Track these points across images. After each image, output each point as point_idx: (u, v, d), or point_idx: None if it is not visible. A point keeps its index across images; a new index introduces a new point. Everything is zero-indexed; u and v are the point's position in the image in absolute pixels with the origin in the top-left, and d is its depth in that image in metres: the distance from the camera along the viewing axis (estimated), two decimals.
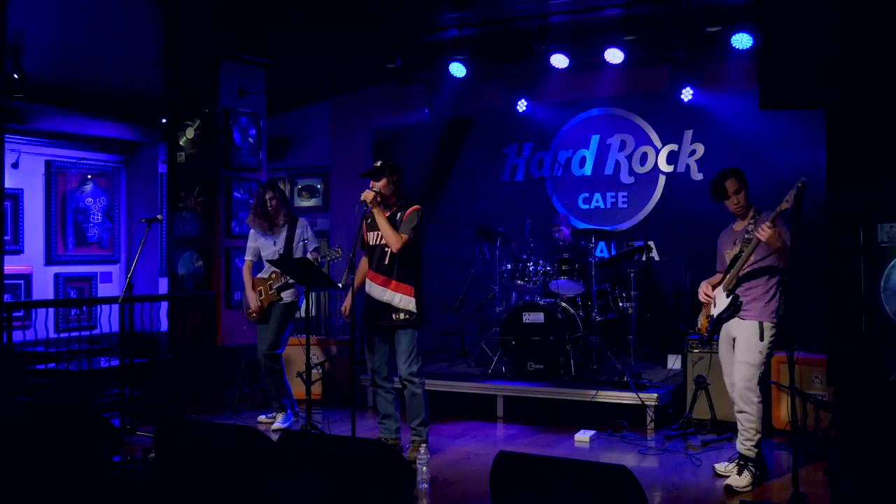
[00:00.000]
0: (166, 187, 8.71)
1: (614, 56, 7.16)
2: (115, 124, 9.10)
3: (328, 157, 9.34)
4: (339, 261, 5.90)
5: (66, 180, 9.36)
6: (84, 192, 9.52)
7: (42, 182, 9.14)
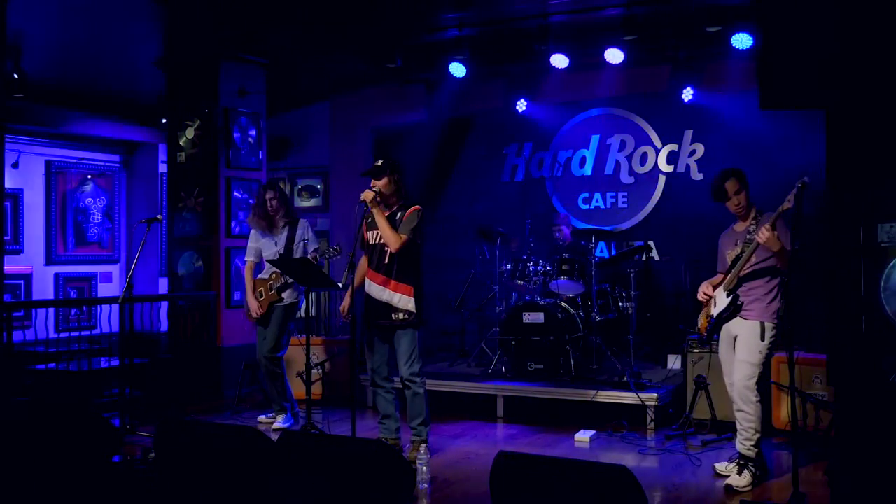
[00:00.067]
0: (166, 187, 8.71)
1: (614, 56, 7.16)
2: (115, 124, 9.10)
3: (328, 157, 9.34)
4: (338, 259, 5.90)
5: (66, 180, 9.36)
6: (84, 192, 9.52)
7: (42, 182, 9.15)
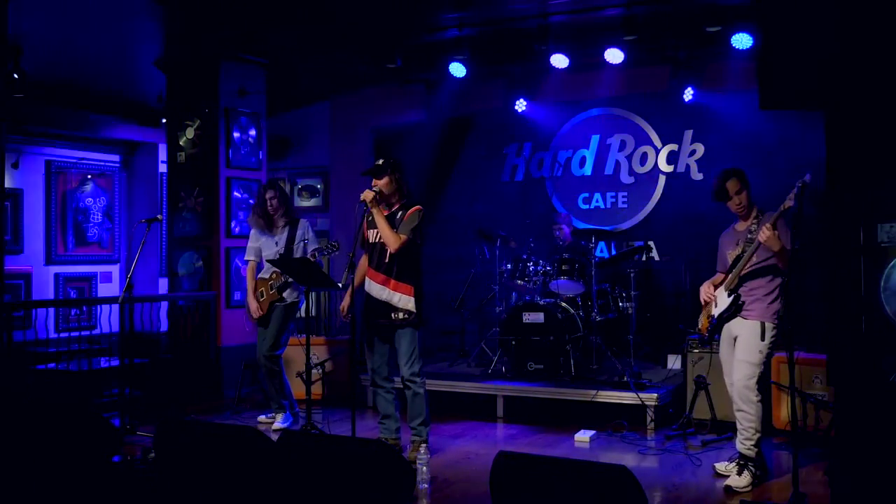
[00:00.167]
0: (166, 187, 8.71)
1: (614, 56, 7.16)
2: (115, 124, 9.10)
3: (328, 157, 9.34)
4: (337, 256, 5.90)
5: (66, 180, 9.36)
6: (84, 192, 9.52)
7: (42, 182, 9.15)
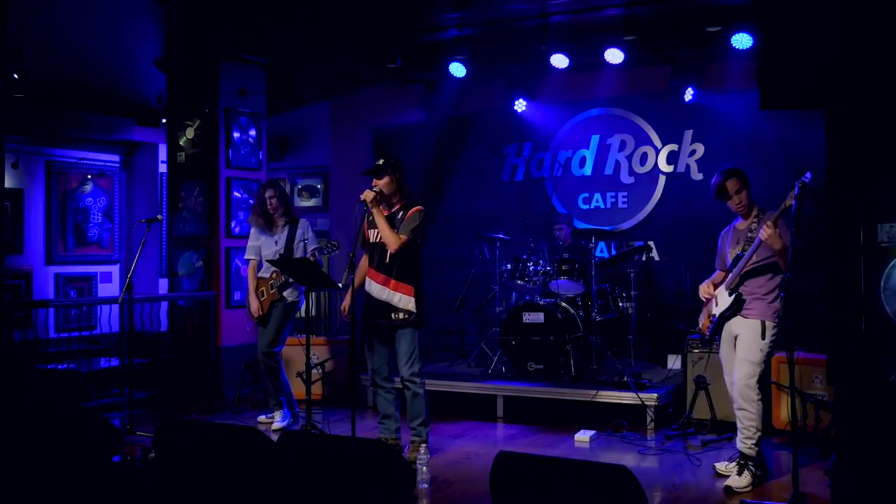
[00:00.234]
0: (166, 187, 8.71)
1: (614, 56, 7.16)
2: (115, 124, 9.10)
3: (328, 157, 9.34)
4: (337, 256, 5.90)
5: (66, 180, 9.36)
6: (84, 192, 9.52)
7: (42, 182, 9.15)
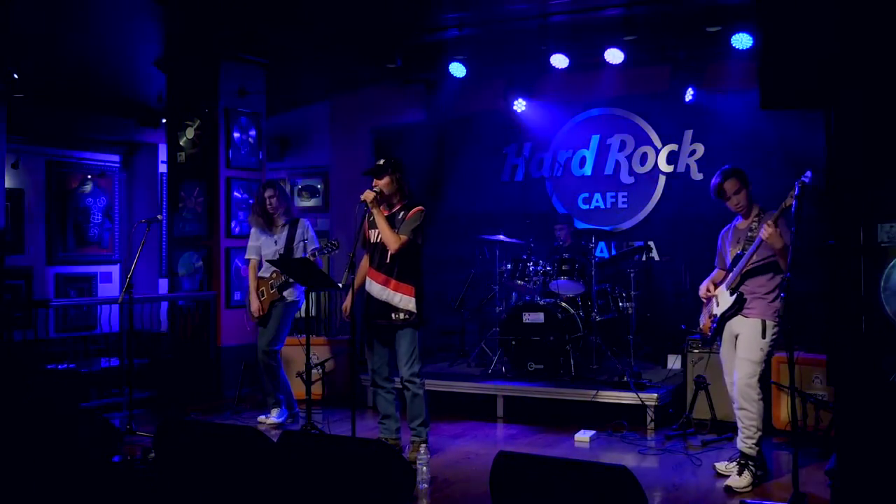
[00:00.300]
0: (166, 187, 8.71)
1: (614, 56, 7.16)
2: (115, 124, 9.10)
3: (328, 157, 9.34)
4: (337, 256, 5.90)
5: (66, 180, 9.37)
6: (84, 192, 9.52)
7: (42, 182, 9.15)
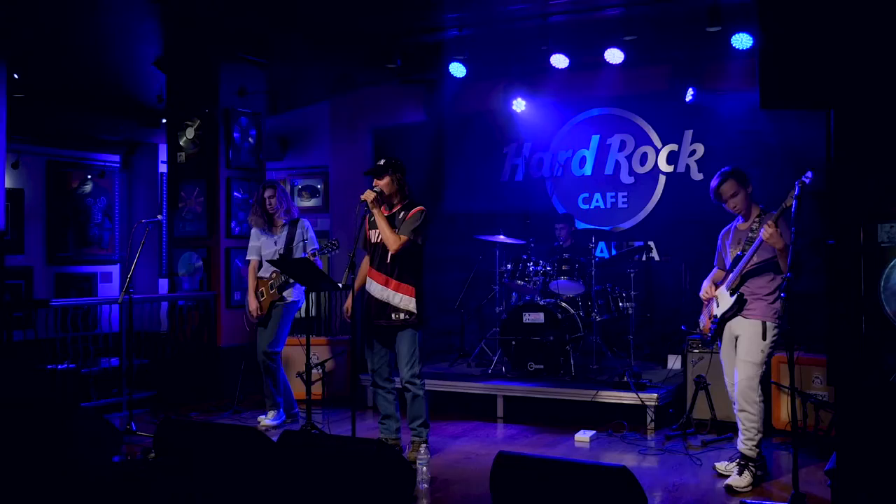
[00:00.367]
0: (166, 187, 8.71)
1: (614, 56, 7.15)
2: (115, 124, 9.10)
3: (328, 157, 9.34)
4: (337, 257, 5.89)
5: (66, 180, 9.37)
6: (84, 192, 9.52)
7: (42, 182, 9.15)
